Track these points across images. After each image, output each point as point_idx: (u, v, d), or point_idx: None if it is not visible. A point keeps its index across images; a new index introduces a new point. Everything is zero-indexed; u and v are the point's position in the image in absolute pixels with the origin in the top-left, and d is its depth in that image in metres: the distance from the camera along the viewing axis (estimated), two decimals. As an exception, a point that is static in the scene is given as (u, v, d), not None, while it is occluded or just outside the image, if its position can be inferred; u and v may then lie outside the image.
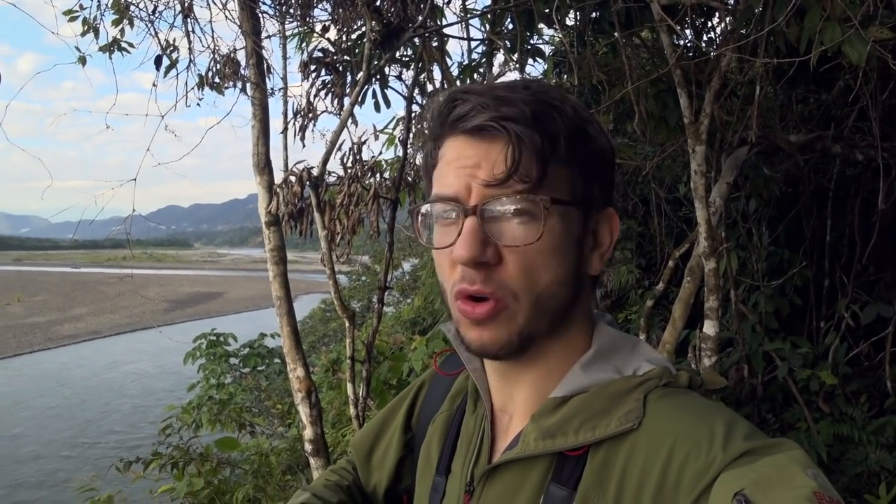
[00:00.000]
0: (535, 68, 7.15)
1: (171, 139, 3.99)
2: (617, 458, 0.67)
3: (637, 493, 0.64)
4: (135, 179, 3.60)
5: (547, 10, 3.32)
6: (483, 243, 0.68)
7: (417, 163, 3.30)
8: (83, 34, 3.87)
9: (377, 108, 3.81)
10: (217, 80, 3.61)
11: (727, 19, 2.91)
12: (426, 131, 0.77)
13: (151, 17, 3.68)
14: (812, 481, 0.56)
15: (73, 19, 3.80)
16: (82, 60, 4.04)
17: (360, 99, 3.51)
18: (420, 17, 3.15)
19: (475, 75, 4.11)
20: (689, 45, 3.70)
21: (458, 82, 4.00)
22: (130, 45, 4.06)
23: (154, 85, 3.62)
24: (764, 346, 4.00)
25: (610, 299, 6.76)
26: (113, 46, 4.03)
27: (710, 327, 3.15)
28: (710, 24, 3.82)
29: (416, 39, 3.50)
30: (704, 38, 3.84)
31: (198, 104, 3.66)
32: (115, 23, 3.93)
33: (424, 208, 0.74)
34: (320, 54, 3.39)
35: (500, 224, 0.68)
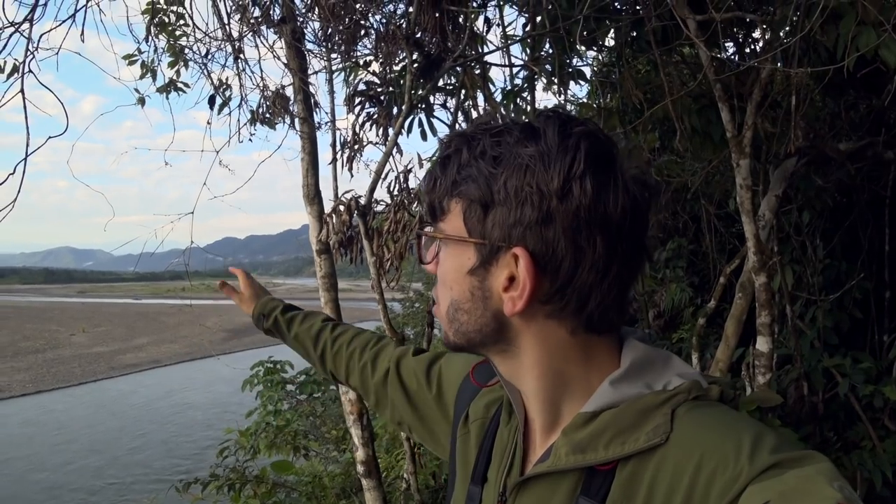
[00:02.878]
0: (580, 90, 7.18)
1: (226, 173, 4.13)
2: (645, 472, 0.68)
3: None
4: (192, 213, 3.74)
5: (585, 32, 3.36)
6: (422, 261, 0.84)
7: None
8: (141, 77, 4.09)
9: (424, 136, 3.90)
10: (268, 115, 3.77)
11: (766, 31, 2.90)
12: None
13: (204, 59, 3.87)
14: (838, 493, 0.56)
15: (131, 63, 4.04)
16: (141, 101, 4.27)
17: (404, 129, 3.61)
18: (459, 47, 3.23)
19: (518, 100, 4.17)
20: (730, 58, 3.68)
21: (501, 108, 4.06)
22: (186, 85, 4.28)
23: (208, 123, 3.80)
24: (823, 363, 3.88)
25: (663, 319, 6.65)
26: (169, 87, 4.26)
27: (763, 344, 3.09)
28: (751, 37, 3.78)
29: (458, 68, 3.59)
30: (747, 50, 3.81)
31: (249, 139, 3.82)
32: (171, 65, 4.16)
33: None
34: (364, 87, 3.50)
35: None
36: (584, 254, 0.69)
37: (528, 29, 3.78)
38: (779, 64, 3.36)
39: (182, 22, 3.86)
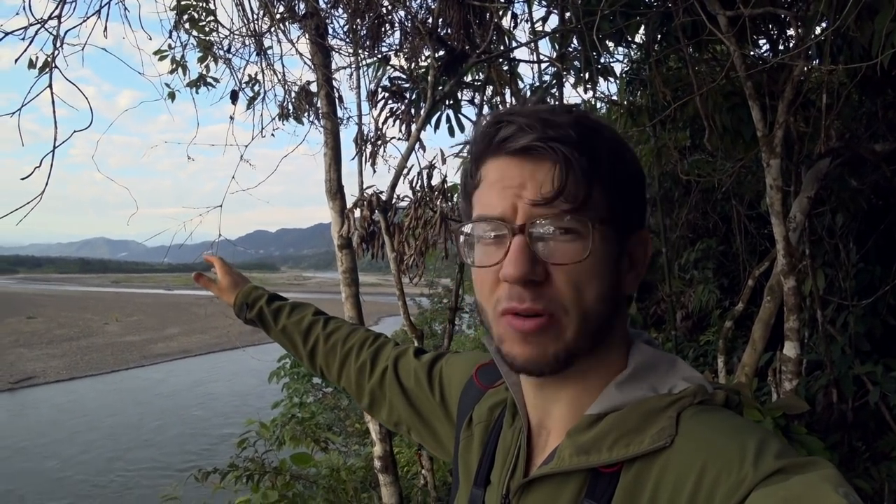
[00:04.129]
0: (609, 87, 7.09)
1: (259, 167, 4.17)
2: (649, 475, 0.68)
3: None
4: (220, 206, 3.77)
5: (613, 29, 3.31)
6: (532, 262, 0.69)
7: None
8: (171, 72, 4.14)
9: (451, 132, 3.88)
10: (294, 111, 3.79)
11: (799, 27, 2.82)
12: (468, 153, 0.79)
13: (227, 53, 3.90)
14: (843, 500, 0.55)
15: (162, 58, 4.08)
16: (171, 96, 4.32)
17: (430, 124, 3.60)
18: (484, 43, 3.20)
19: (546, 97, 4.12)
20: (762, 56, 3.59)
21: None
22: (215, 79, 4.32)
23: (231, 118, 3.82)
24: (854, 370, 3.77)
25: (690, 320, 6.56)
26: (199, 82, 4.30)
27: (790, 349, 3.02)
28: (784, 33, 3.69)
29: (484, 64, 3.56)
30: (780, 47, 3.72)
31: (272, 134, 3.84)
32: (201, 60, 4.20)
33: (467, 228, 0.77)
34: (387, 83, 3.49)
35: (547, 243, 0.70)
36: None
37: (552, 25, 3.74)
38: (815, 62, 3.27)
39: (211, 18, 3.89)
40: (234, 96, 3.86)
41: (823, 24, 2.83)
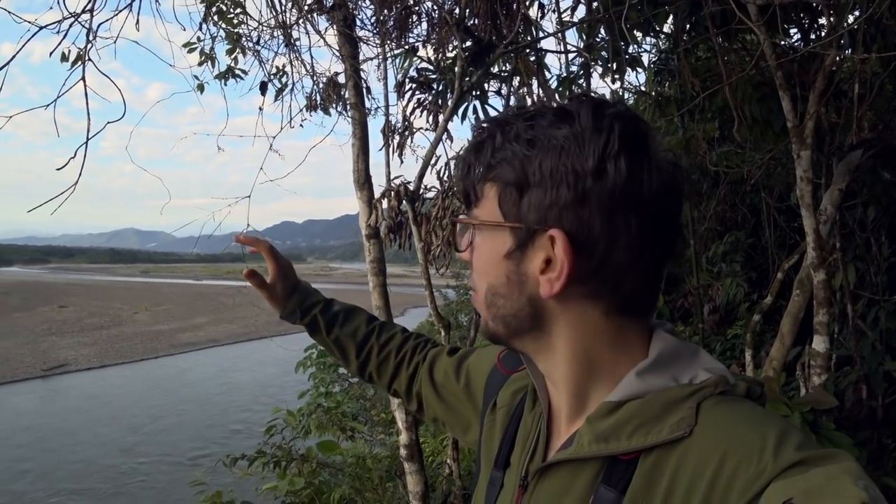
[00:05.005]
0: (637, 77, 7.03)
1: (286, 158, 4.22)
2: (667, 464, 0.68)
3: (685, 501, 0.65)
4: (249, 197, 3.82)
5: (641, 19, 3.29)
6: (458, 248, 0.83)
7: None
8: (200, 64, 4.20)
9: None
10: (321, 101, 3.82)
11: (831, 15, 2.77)
12: None
13: (256, 45, 3.95)
14: (863, 492, 0.55)
15: (191, 51, 4.14)
16: (200, 87, 4.38)
17: (457, 114, 3.60)
18: (511, 34, 3.19)
19: (573, 88, 4.11)
20: (793, 45, 3.53)
21: (556, 95, 4.01)
22: (243, 71, 4.37)
23: (260, 109, 3.87)
24: (885, 366, 3.72)
25: (718, 314, 6.49)
26: (227, 74, 4.36)
27: (819, 343, 2.98)
28: (817, 22, 3.62)
29: (511, 54, 3.56)
30: (812, 36, 3.65)
31: (300, 125, 3.87)
32: (229, 52, 4.25)
33: None
34: (415, 74, 3.50)
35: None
36: (619, 233, 0.70)
37: (580, 14, 3.71)
38: (847, 51, 3.21)
39: (239, 10, 3.93)
40: (263, 88, 3.91)
41: (856, 13, 2.78)
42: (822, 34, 3.47)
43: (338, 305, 1.38)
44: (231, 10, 3.94)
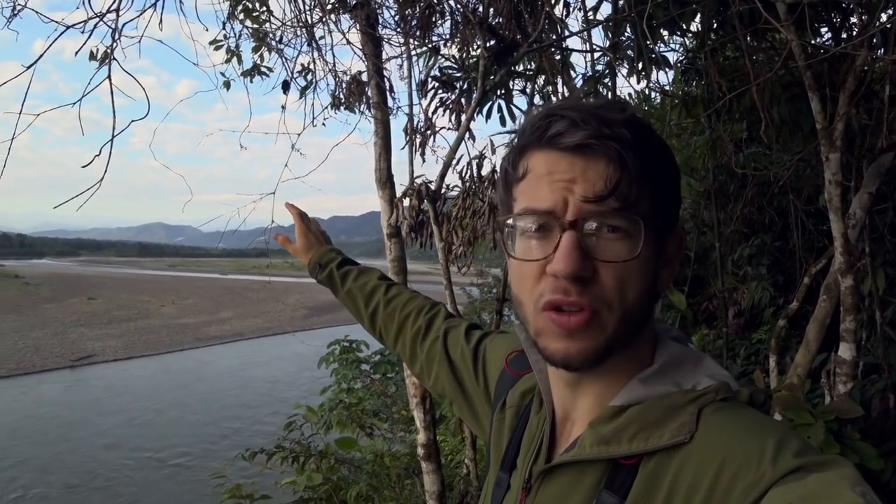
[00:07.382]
0: (664, 77, 6.94)
1: (311, 155, 4.24)
2: (667, 469, 0.68)
3: None
4: (273, 193, 3.84)
5: (667, 18, 3.24)
6: (583, 258, 0.69)
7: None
8: (226, 61, 4.24)
9: (502, 122, 3.86)
10: (345, 100, 3.84)
11: (862, 15, 2.70)
12: (513, 143, 0.79)
13: (279, 43, 3.97)
14: (860, 499, 0.56)
15: (217, 48, 4.18)
16: (226, 85, 4.43)
17: (480, 114, 3.58)
18: (535, 32, 3.17)
19: (599, 87, 4.07)
20: (823, 44, 3.46)
21: (581, 95, 3.97)
22: (269, 69, 4.40)
23: (283, 107, 3.90)
24: (915, 374, 3.63)
25: (743, 318, 6.40)
26: (253, 71, 4.39)
27: (845, 350, 2.92)
28: (848, 21, 3.54)
29: (536, 53, 3.53)
30: (843, 36, 3.57)
31: (324, 123, 3.89)
32: (255, 49, 4.28)
33: (511, 220, 0.76)
34: (437, 73, 3.50)
35: (596, 240, 0.70)
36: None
37: (605, 13, 3.67)
38: (879, 51, 3.14)
39: (264, 9, 3.96)
40: (285, 86, 3.93)
41: (889, 11, 2.71)
42: (853, 33, 3.40)
43: (355, 264, 1.49)
44: (256, 9, 3.97)
